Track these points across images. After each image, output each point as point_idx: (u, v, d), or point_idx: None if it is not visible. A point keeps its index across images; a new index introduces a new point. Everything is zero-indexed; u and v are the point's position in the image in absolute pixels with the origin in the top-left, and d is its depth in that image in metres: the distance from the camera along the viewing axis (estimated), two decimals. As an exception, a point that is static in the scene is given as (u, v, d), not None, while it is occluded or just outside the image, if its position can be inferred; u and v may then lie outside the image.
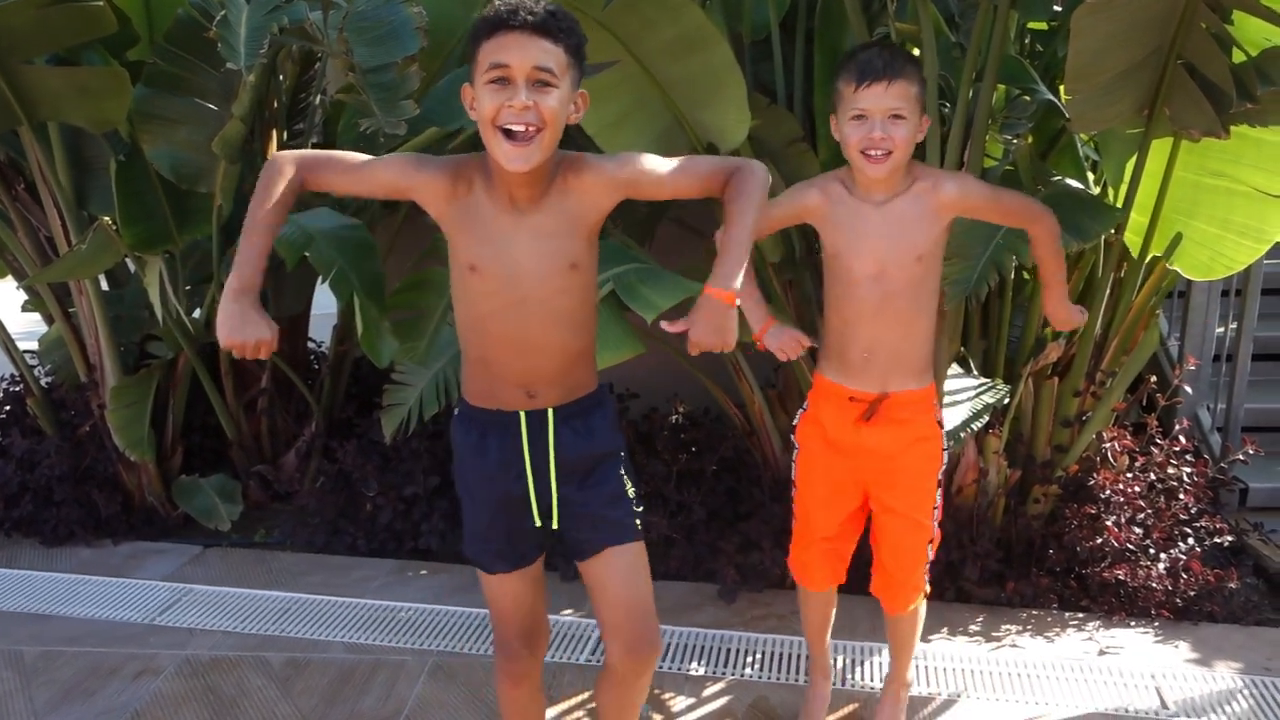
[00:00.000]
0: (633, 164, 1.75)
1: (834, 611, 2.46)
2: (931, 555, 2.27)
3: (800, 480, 2.31)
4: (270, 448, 4.15)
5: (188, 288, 3.94)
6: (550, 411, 1.84)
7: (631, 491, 1.94)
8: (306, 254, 3.15)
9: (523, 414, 1.84)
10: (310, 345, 4.53)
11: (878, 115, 1.96)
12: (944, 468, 2.24)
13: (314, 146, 4.18)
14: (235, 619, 3.17)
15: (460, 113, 3.26)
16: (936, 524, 2.25)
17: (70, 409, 3.98)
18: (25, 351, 4.07)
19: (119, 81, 3.15)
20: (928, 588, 2.33)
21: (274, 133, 3.93)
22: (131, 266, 4.00)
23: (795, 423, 2.32)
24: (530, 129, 1.62)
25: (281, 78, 3.95)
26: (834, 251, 2.12)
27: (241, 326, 1.59)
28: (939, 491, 2.23)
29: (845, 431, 2.18)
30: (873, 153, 1.98)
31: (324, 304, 4.27)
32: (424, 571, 3.48)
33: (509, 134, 1.62)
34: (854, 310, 2.11)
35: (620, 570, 1.91)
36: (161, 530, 3.88)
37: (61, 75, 3.17)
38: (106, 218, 3.40)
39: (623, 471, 1.93)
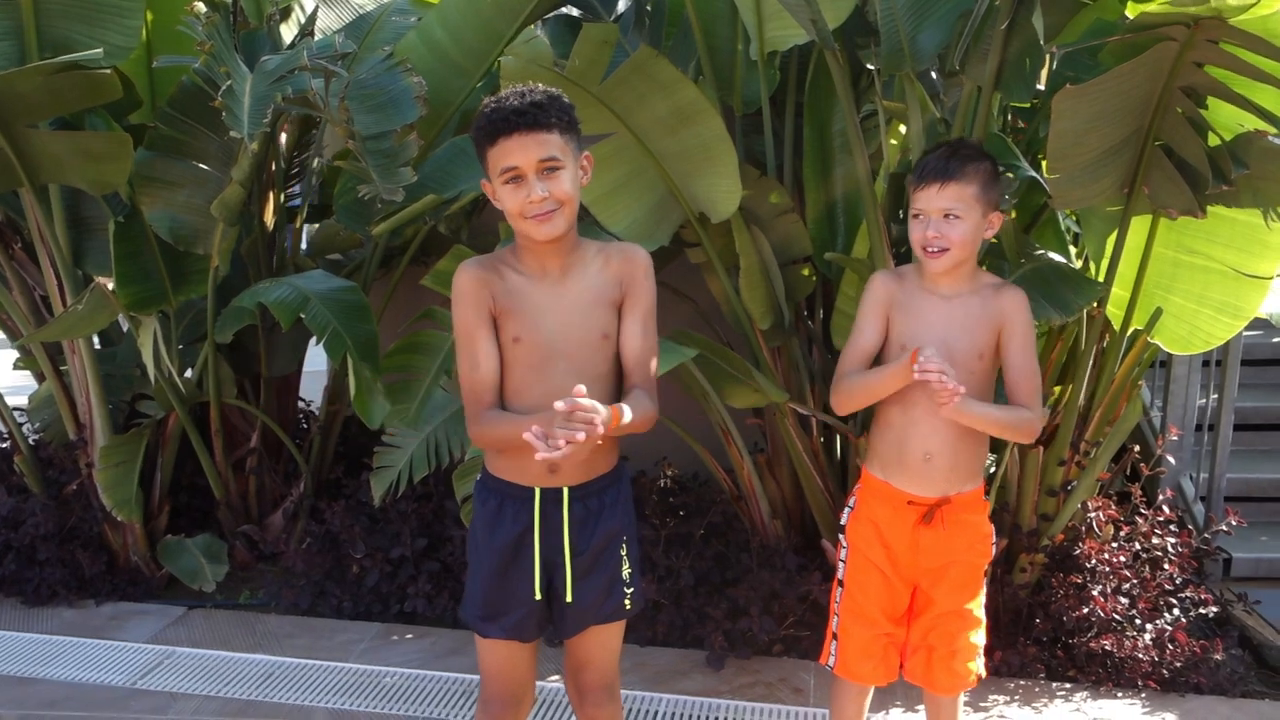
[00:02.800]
0: (643, 299, 1.95)
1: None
2: (983, 640, 2.24)
3: (852, 581, 2.25)
4: (257, 508, 4.14)
5: (181, 347, 3.95)
6: (565, 490, 1.91)
7: (628, 572, 2.01)
8: (302, 315, 3.19)
9: (537, 490, 1.91)
10: (300, 404, 4.53)
11: (932, 214, 2.06)
12: (992, 559, 2.24)
13: (310, 208, 4.25)
14: (217, 683, 3.13)
15: (456, 180, 3.35)
16: (981, 610, 2.24)
17: (57, 467, 3.97)
18: (14, 409, 4.07)
19: (122, 146, 3.20)
20: (982, 672, 2.25)
21: (271, 194, 4.00)
22: (124, 325, 4.02)
23: (844, 521, 2.29)
24: (551, 211, 1.81)
25: (281, 140, 4.02)
26: (902, 342, 2.15)
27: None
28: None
29: (902, 535, 2.18)
30: (929, 249, 2.07)
31: (314, 361, 4.29)
32: (410, 635, 3.46)
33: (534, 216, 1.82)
34: (917, 407, 2.11)
35: (596, 642, 2.05)
36: (146, 591, 3.85)
37: (65, 139, 3.22)
38: (102, 278, 3.43)
39: (624, 552, 2.00)
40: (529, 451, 1.87)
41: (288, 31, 3.80)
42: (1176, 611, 3.17)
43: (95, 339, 3.84)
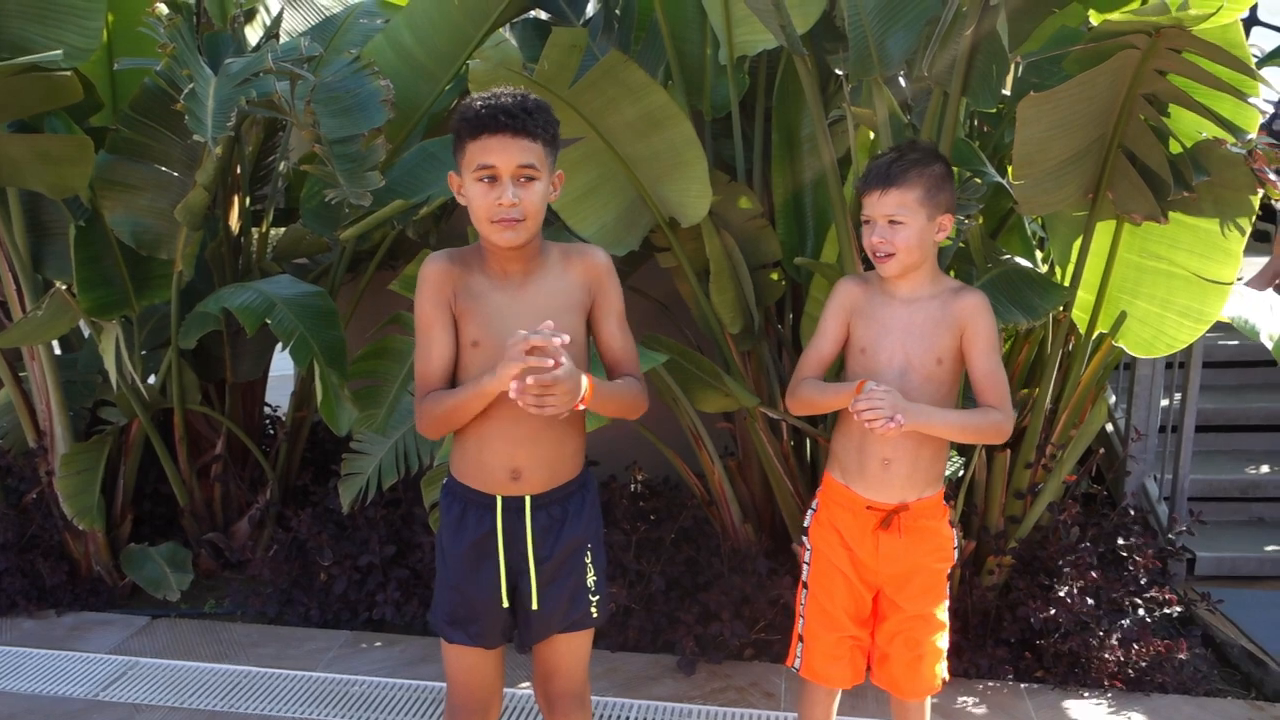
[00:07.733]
0: (613, 300, 1.96)
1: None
2: (945, 645, 2.25)
3: (816, 584, 2.26)
4: (223, 515, 4.08)
5: (144, 353, 3.89)
6: (527, 499, 1.90)
7: (593, 580, 2.00)
8: (268, 320, 3.15)
9: (499, 499, 1.89)
10: (266, 410, 4.48)
11: (877, 220, 2.07)
12: (954, 564, 2.25)
13: (276, 212, 4.20)
14: (182, 694, 3.09)
15: (424, 185, 3.32)
16: (945, 614, 2.25)
17: (16, 475, 3.90)
18: (-28, 416, 3.99)
19: (82, 149, 3.14)
20: (946, 675, 2.27)
21: (236, 198, 3.95)
22: (85, 330, 3.95)
23: (806, 524, 2.30)
24: (516, 220, 1.79)
25: (246, 144, 3.97)
26: (861, 346, 2.16)
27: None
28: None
29: (863, 539, 2.18)
30: (877, 254, 2.08)
31: (280, 366, 4.24)
32: (378, 643, 3.42)
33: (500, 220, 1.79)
34: None
35: (563, 650, 2.04)
36: (108, 600, 3.79)
37: (24, 142, 3.15)
38: (62, 283, 3.37)
39: (589, 560, 1.99)
40: (489, 455, 1.88)
41: (252, 34, 3.76)
42: (1141, 612, 3.21)
43: (55, 345, 3.78)
